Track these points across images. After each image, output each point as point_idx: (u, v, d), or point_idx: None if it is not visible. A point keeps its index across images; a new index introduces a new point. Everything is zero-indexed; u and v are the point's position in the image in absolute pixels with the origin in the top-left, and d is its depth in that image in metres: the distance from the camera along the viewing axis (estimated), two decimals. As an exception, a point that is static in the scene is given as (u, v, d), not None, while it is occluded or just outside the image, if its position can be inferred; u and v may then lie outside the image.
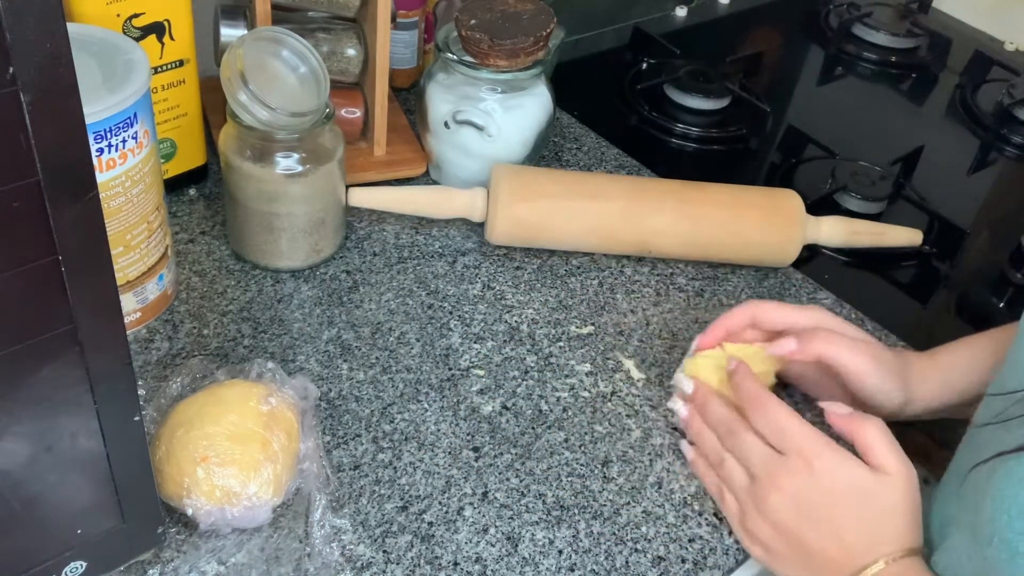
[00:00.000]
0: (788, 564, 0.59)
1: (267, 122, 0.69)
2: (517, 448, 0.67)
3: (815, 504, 0.57)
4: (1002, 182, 1.06)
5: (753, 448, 0.60)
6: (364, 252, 0.81)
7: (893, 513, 0.57)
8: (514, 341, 0.75)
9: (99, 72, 0.61)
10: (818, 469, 0.57)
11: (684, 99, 1.05)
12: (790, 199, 0.82)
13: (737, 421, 0.62)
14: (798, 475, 0.58)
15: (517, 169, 0.81)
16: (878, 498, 0.57)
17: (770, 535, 0.59)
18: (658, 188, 0.82)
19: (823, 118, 1.11)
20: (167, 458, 0.57)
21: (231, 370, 0.64)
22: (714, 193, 0.82)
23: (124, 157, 0.62)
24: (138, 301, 0.69)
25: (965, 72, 1.23)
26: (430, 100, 0.84)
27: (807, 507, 0.57)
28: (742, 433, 0.61)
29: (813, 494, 0.57)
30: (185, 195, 0.83)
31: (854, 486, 0.57)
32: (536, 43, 0.80)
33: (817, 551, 0.57)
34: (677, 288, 0.82)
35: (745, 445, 0.61)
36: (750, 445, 0.61)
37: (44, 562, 0.49)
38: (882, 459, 0.57)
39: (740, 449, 0.61)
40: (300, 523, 0.59)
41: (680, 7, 1.27)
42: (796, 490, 0.58)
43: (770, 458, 0.59)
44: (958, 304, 0.88)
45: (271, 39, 0.71)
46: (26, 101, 0.35)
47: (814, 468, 0.57)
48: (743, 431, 0.61)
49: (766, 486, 0.59)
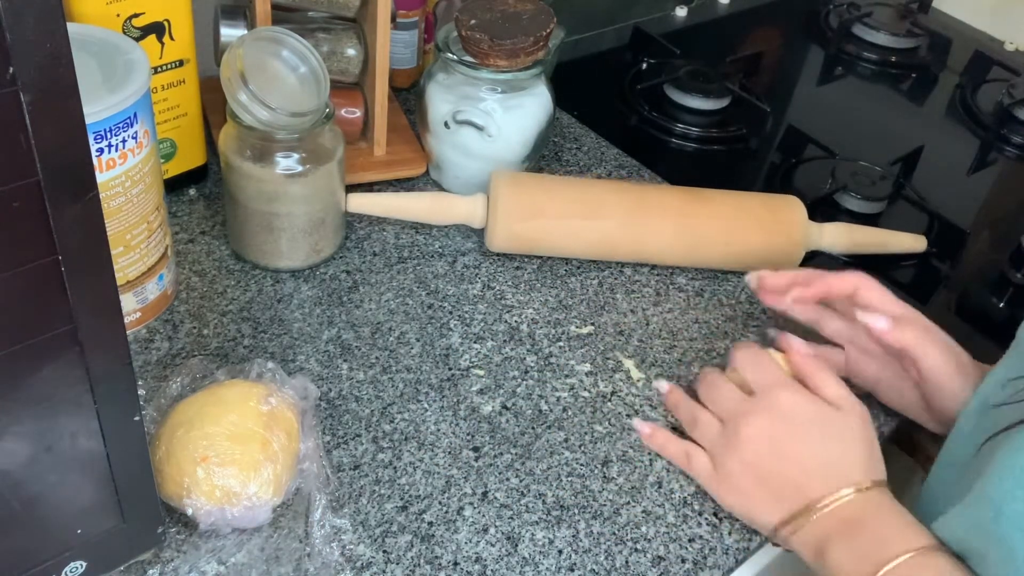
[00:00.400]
0: (762, 503, 0.61)
1: (267, 122, 0.69)
2: (517, 448, 0.67)
3: (782, 435, 0.61)
4: (1002, 182, 1.06)
5: (728, 395, 0.65)
6: (364, 252, 0.81)
7: (855, 442, 0.61)
8: (514, 341, 0.75)
9: (99, 72, 0.61)
10: (784, 402, 0.62)
11: (684, 99, 1.05)
12: (792, 208, 0.82)
13: (719, 375, 0.67)
14: (766, 411, 0.62)
15: (516, 181, 0.80)
16: (840, 428, 0.61)
17: (741, 472, 0.62)
18: (659, 202, 0.80)
19: (823, 118, 1.11)
20: (167, 458, 0.57)
21: (231, 370, 0.64)
22: (716, 206, 0.81)
23: (124, 157, 0.62)
24: (138, 301, 0.69)
25: (965, 72, 1.23)
26: (430, 100, 0.84)
27: (775, 439, 0.62)
28: (721, 384, 0.66)
29: (779, 426, 0.62)
30: (185, 195, 0.83)
31: (818, 417, 0.62)
32: (536, 43, 0.80)
33: (787, 480, 0.60)
34: (677, 288, 0.82)
35: (721, 393, 0.65)
36: (725, 393, 0.65)
37: (44, 562, 0.49)
38: (834, 397, 0.62)
39: (715, 398, 0.66)
40: (300, 523, 0.59)
41: (680, 7, 1.27)
42: (765, 423, 0.62)
43: (742, 400, 0.64)
44: (958, 304, 0.88)
45: (271, 39, 0.71)
46: (26, 101, 0.35)
47: (780, 402, 0.62)
48: (722, 382, 0.66)
49: (738, 423, 0.63)
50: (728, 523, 0.64)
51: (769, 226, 0.81)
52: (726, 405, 0.65)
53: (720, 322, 0.79)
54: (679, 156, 1.02)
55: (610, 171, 0.94)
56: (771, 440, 0.61)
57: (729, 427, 0.63)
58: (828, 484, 0.59)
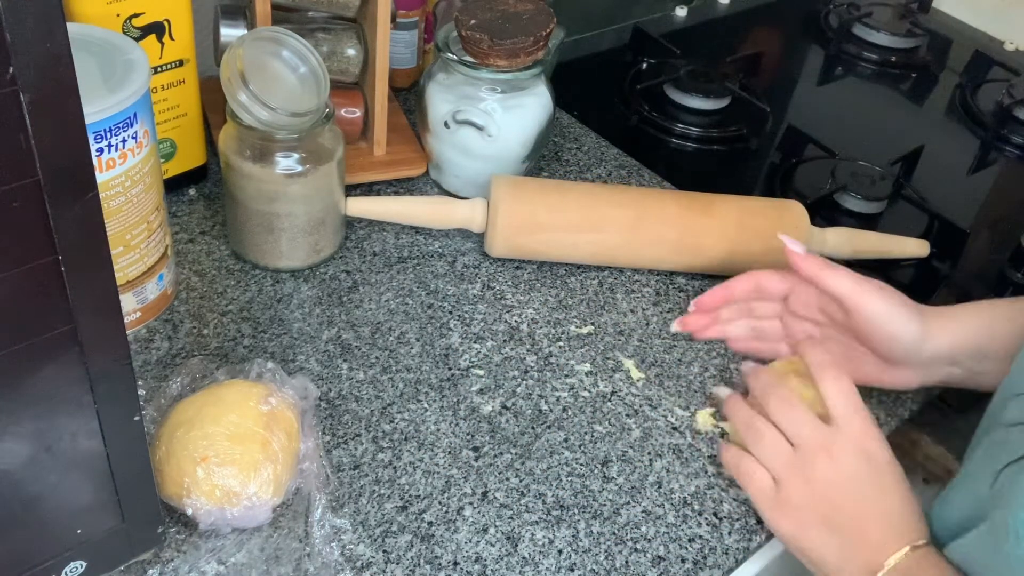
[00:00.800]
0: (816, 539, 0.59)
1: (267, 122, 0.69)
2: (517, 448, 0.67)
3: (864, 477, 0.58)
4: (1002, 182, 1.06)
5: (803, 418, 0.61)
6: (364, 252, 0.81)
7: (908, 494, 0.58)
8: (514, 341, 0.75)
9: (99, 72, 0.61)
10: (870, 448, 0.59)
11: (684, 99, 1.05)
12: (794, 214, 0.81)
13: (790, 391, 0.62)
14: (849, 446, 0.59)
15: (516, 190, 0.79)
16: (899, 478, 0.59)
17: (808, 502, 0.59)
18: (659, 213, 0.80)
19: (823, 118, 1.11)
20: (167, 458, 0.57)
21: (231, 370, 0.64)
22: (717, 215, 0.80)
23: (124, 157, 0.62)
24: (138, 301, 0.69)
25: (965, 72, 1.23)
26: (430, 100, 0.84)
27: (855, 478, 0.58)
28: (795, 403, 0.61)
29: (863, 467, 0.58)
30: (185, 195, 0.83)
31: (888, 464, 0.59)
32: (536, 43, 0.80)
33: (853, 524, 0.57)
34: (677, 288, 0.82)
35: (796, 416, 0.61)
36: (801, 416, 0.61)
37: (44, 562, 0.49)
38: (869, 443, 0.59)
39: (790, 419, 0.61)
40: (300, 523, 0.59)
41: (680, 7, 1.27)
42: (847, 460, 0.58)
43: (821, 427, 0.60)
44: (958, 304, 0.88)
45: (271, 39, 0.71)
46: (26, 101, 0.35)
47: (865, 445, 0.59)
48: (796, 401, 0.62)
49: (815, 450, 0.59)
50: (728, 523, 0.64)
51: (771, 234, 0.80)
52: (802, 431, 0.60)
53: (720, 322, 0.79)
54: (679, 156, 1.02)
55: (610, 171, 0.94)
56: (849, 481, 0.58)
57: (806, 456, 0.59)
58: (888, 536, 0.57)
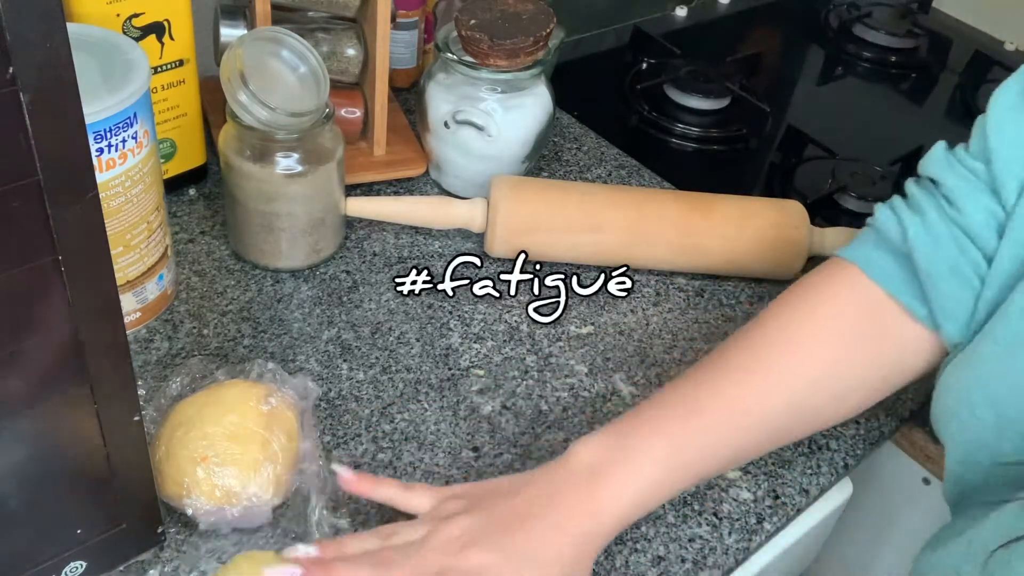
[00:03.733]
0: None
1: (267, 122, 0.69)
2: (517, 448, 0.67)
3: None
4: (1002, 182, 1.06)
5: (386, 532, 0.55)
6: (364, 252, 0.81)
7: None
8: (514, 341, 0.75)
9: (99, 72, 0.61)
10: None
11: (684, 99, 1.05)
12: (794, 214, 0.81)
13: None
14: None
15: (516, 191, 0.79)
16: None
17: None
18: (659, 214, 0.80)
19: (823, 118, 1.11)
20: (167, 458, 0.57)
21: (231, 370, 0.64)
22: (717, 218, 0.80)
23: (124, 157, 0.62)
24: (138, 301, 0.69)
25: (965, 72, 1.23)
26: (430, 100, 0.84)
27: None
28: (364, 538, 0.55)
29: None
30: (185, 195, 0.83)
31: None
32: (536, 43, 0.80)
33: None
34: (677, 288, 0.82)
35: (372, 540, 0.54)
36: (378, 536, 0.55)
37: (44, 562, 0.49)
38: None
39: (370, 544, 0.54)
40: (300, 523, 0.59)
41: (680, 7, 1.27)
42: None
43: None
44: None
45: (271, 39, 0.71)
46: (26, 101, 0.35)
47: None
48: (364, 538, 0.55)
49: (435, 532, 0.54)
50: (728, 523, 0.64)
51: (770, 235, 0.80)
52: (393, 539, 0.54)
53: (720, 322, 0.79)
54: (679, 156, 1.02)
55: (610, 171, 0.94)
56: None
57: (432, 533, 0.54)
58: None
